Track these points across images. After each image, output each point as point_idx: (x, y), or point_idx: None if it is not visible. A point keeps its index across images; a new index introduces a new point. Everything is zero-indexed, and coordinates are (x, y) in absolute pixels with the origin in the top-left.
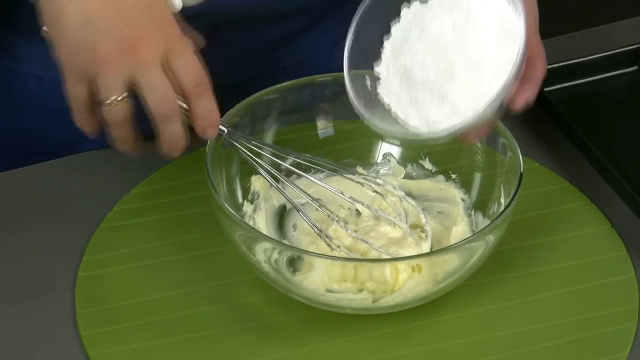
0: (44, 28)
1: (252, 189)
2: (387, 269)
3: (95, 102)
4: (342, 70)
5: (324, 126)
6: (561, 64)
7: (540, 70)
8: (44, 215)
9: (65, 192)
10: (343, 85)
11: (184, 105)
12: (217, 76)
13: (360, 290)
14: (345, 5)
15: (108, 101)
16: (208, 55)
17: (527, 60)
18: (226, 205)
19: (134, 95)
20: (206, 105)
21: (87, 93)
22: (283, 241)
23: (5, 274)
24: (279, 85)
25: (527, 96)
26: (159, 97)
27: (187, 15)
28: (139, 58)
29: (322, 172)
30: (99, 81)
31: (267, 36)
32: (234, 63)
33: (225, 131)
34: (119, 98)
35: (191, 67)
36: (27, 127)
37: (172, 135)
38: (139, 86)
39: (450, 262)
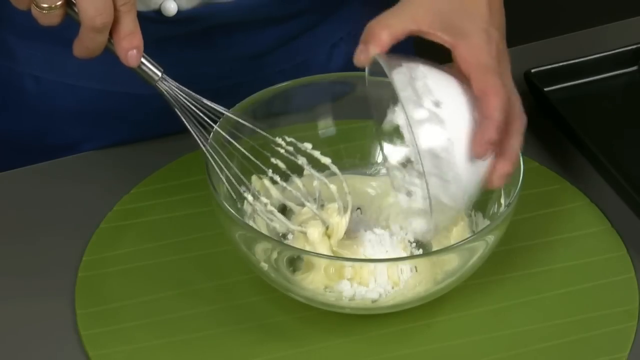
0: None
1: (252, 188)
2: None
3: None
4: (341, 72)
5: (324, 126)
6: (561, 64)
7: (493, 106)
8: (44, 215)
9: (66, 192)
10: (343, 84)
11: None
12: (213, 79)
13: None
14: (343, 7)
15: (45, 5)
16: (205, 59)
17: (477, 99)
18: (226, 205)
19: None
20: (132, 24)
21: None
22: (283, 241)
23: (5, 274)
24: (279, 85)
25: (486, 138)
26: (98, 8)
27: (182, 19)
28: None
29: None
30: None
31: (264, 39)
32: (231, 66)
33: (160, 75)
34: (57, 4)
35: None
36: (26, 127)
37: (95, 45)
38: None
39: (450, 262)
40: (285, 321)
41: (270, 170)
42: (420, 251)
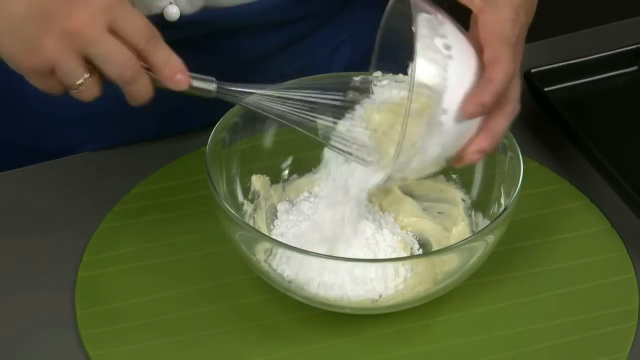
0: None
1: (252, 188)
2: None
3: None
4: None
5: (324, 126)
6: (561, 64)
7: (499, 73)
8: (44, 215)
9: (66, 192)
10: (344, 85)
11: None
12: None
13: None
14: (345, 11)
15: (78, 83)
16: (206, 63)
17: (484, 64)
18: (226, 205)
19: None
20: (164, 55)
21: (57, 82)
22: (283, 241)
23: (6, 274)
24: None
25: (481, 99)
26: (119, 65)
27: (184, 24)
28: (85, 36)
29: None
30: (59, 73)
31: (266, 43)
32: (232, 71)
33: (214, 87)
34: (85, 77)
35: (139, 26)
36: (27, 129)
37: (140, 91)
38: (95, 62)
39: (450, 262)
40: (285, 321)
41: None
42: (420, 251)
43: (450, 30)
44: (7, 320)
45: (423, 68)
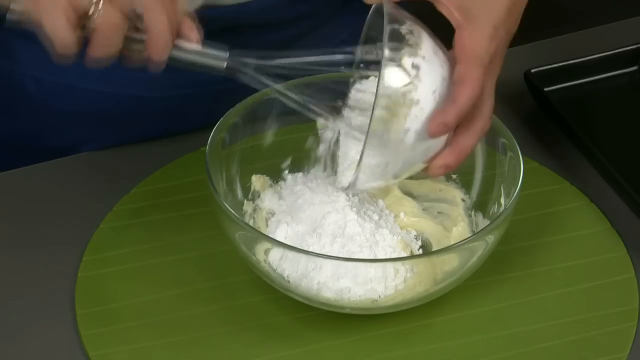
0: None
1: (252, 188)
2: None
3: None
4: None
5: (324, 126)
6: (561, 64)
7: (464, 95)
8: (44, 215)
9: (65, 192)
10: (343, 84)
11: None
12: (213, 83)
13: None
14: (344, 11)
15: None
16: None
17: (452, 83)
18: (226, 205)
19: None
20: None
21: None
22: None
23: (6, 274)
24: (279, 85)
25: (444, 119)
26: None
27: None
28: None
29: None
30: None
31: (265, 42)
32: None
33: (225, 64)
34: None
35: None
36: (26, 128)
37: (160, 26)
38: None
39: (450, 263)
40: (285, 321)
41: None
42: (420, 251)
43: (424, 46)
44: (7, 320)
45: (389, 84)
